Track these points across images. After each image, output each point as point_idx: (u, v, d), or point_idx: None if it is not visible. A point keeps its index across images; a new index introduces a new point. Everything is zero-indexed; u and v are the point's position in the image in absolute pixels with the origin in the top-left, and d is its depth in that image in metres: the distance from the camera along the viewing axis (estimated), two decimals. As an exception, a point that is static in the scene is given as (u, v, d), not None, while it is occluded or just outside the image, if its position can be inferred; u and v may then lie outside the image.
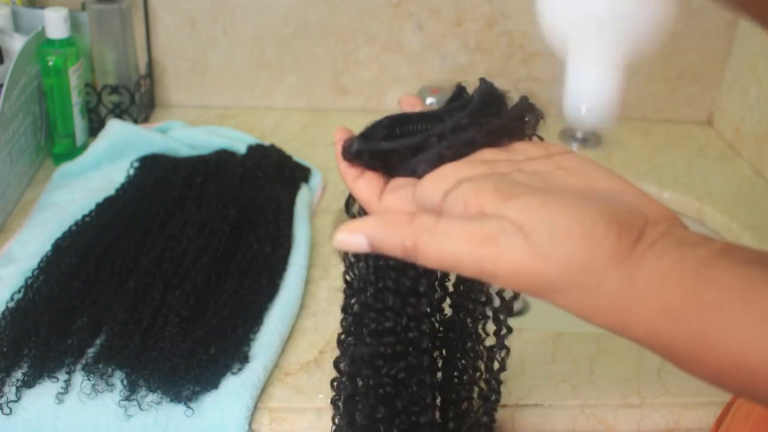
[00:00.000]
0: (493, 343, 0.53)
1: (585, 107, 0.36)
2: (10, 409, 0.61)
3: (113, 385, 0.63)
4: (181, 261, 0.75)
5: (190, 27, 1.11)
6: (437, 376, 0.55)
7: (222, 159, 0.93)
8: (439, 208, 0.38)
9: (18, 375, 0.63)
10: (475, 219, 0.36)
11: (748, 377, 0.33)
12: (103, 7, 0.98)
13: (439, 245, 0.36)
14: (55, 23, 0.91)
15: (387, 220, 0.38)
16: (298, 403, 0.66)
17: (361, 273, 0.48)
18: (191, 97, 1.16)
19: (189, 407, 0.62)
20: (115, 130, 0.95)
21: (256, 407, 0.64)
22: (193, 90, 1.16)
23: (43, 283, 0.72)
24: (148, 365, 0.64)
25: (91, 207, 0.84)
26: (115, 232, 0.79)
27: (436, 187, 0.39)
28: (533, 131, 0.45)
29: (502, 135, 0.43)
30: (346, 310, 0.51)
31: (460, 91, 0.48)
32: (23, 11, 0.97)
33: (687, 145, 1.17)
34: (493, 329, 0.52)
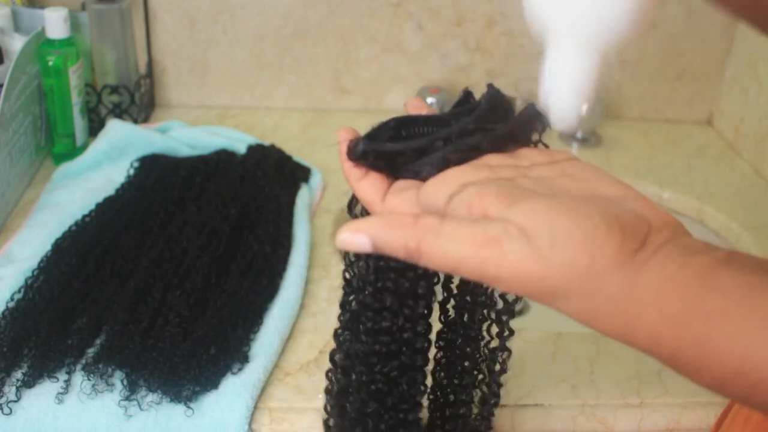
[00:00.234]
0: (495, 345, 0.53)
1: (560, 93, 0.36)
2: (10, 409, 0.61)
3: (113, 385, 0.63)
4: (181, 261, 0.75)
5: (190, 27, 1.11)
6: (436, 377, 0.55)
7: (222, 159, 0.93)
8: (443, 212, 0.38)
9: (18, 375, 0.63)
10: (479, 222, 0.36)
11: (752, 385, 0.33)
12: (103, 7, 0.98)
13: (443, 247, 0.36)
14: (55, 23, 0.91)
15: (390, 221, 0.38)
16: (298, 403, 0.66)
17: (360, 272, 0.48)
18: (191, 97, 1.16)
19: (189, 407, 0.62)
20: (115, 130, 0.95)
21: (256, 407, 0.64)
22: (193, 90, 1.16)
23: (43, 283, 0.72)
24: (148, 365, 0.64)
25: (91, 207, 0.84)
26: (115, 232, 0.79)
27: (440, 190, 0.39)
28: (539, 138, 0.45)
29: (507, 141, 0.43)
30: (344, 306, 0.51)
31: (467, 96, 0.48)
32: (23, 11, 0.97)
33: (687, 145, 1.17)
34: (495, 331, 0.52)
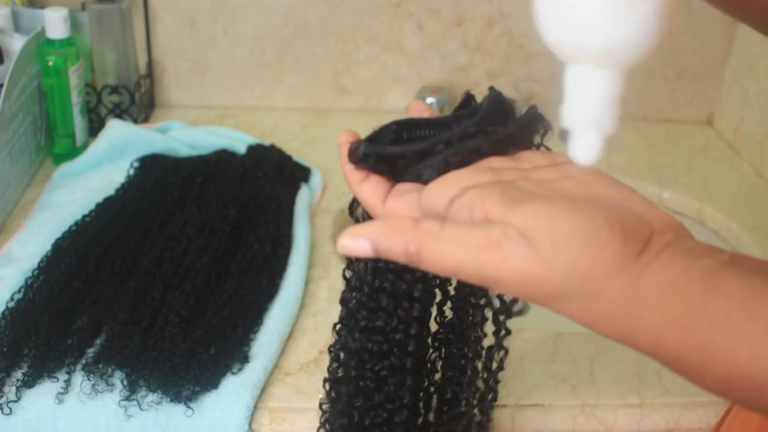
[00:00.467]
0: (491, 343, 0.53)
1: (585, 117, 0.36)
2: (10, 409, 0.61)
3: (113, 385, 0.63)
4: (181, 261, 0.75)
5: (190, 27, 1.11)
6: (432, 377, 0.56)
7: (222, 159, 0.93)
8: (444, 215, 0.38)
9: (18, 375, 0.63)
10: (479, 225, 0.36)
11: (755, 388, 0.33)
12: (103, 7, 0.98)
13: (443, 251, 0.36)
14: (55, 23, 0.91)
15: (391, 226, 0.37)
16: (298, 403, 0.66)
17: (359, 272, 0.48)
18: (191, 97, 1.16)
19: (189, 407, 0.62)
20: (115, 130, 0.95)
21: (256, 407, 0.64)
22: (193, 90, 1.16)
23: (43, 283, 0.72)
24: (148, 365, 0.64)
25: (91, 207, 0.84)
26: (115, 232, 0.79)
27: (441, 193, 0.39)
28: (541, 141, 0.45)
29: (509, 144, 0.43)
30: (343, 302, 0.51)
31: (468, 99, 0.48)
32: (23, 11, 0.97)
33: (687, 145, 1.17)
34: (492, 330, 0.53)
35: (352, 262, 0.50)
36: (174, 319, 0.68)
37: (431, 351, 0.54)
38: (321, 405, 0.56)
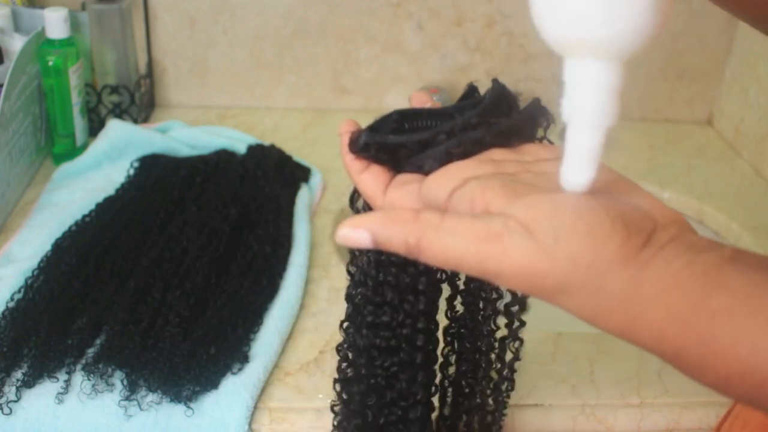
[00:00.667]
0: (504, 334, 0.53)
1: (585, 110, 0.36)
2: (10, 409, 0.61)
3: (113, 385, 0.63)
4: (181, 261, 0.75)
5: (190, 27, 1.11)
6: (447, 372, 0.55)
7: (222, 159, 0.93)
8: (445, 206, 0.38)
9: (18, 375, 0.63)
10: (480, 217, 0.36)
11: (757, 385, 0.33)
12: (103, 7, 0.98)
13: (443, 243, 0.36)
14: (55, 23, 0.91)
15: (391, 217, 0.37)
16: (298, 403, 0.66)
17: (362, 266, 0.48)
18: (191, 97, 1.16)
19: (189, 407, 0.62)
20: (115, 130, 0.95)
21: (256, 407, 0.64)
22: (193, 90, 1.16)
23: (43, 283, 0.72)
24: (148, 365, 0.64)
25: (91, 207, 0.84)
26: (115, 232, 0.79)
27: (443, 184, 0.39)
28: (544, 134, 0.44)
29: (511, 136, 0.43)
30: (348, 299, 0.51)
31: (471, 90, 0.47)
32: (23, 11, 0.97)
33: (687, 145, 1.17)
34: (504, 322, 0.52)
35: (355, 257, 0.49)
36: (174, 319, 0.68)
37: (444, 346, 0.54)
38: (333, 407, 0.55)
